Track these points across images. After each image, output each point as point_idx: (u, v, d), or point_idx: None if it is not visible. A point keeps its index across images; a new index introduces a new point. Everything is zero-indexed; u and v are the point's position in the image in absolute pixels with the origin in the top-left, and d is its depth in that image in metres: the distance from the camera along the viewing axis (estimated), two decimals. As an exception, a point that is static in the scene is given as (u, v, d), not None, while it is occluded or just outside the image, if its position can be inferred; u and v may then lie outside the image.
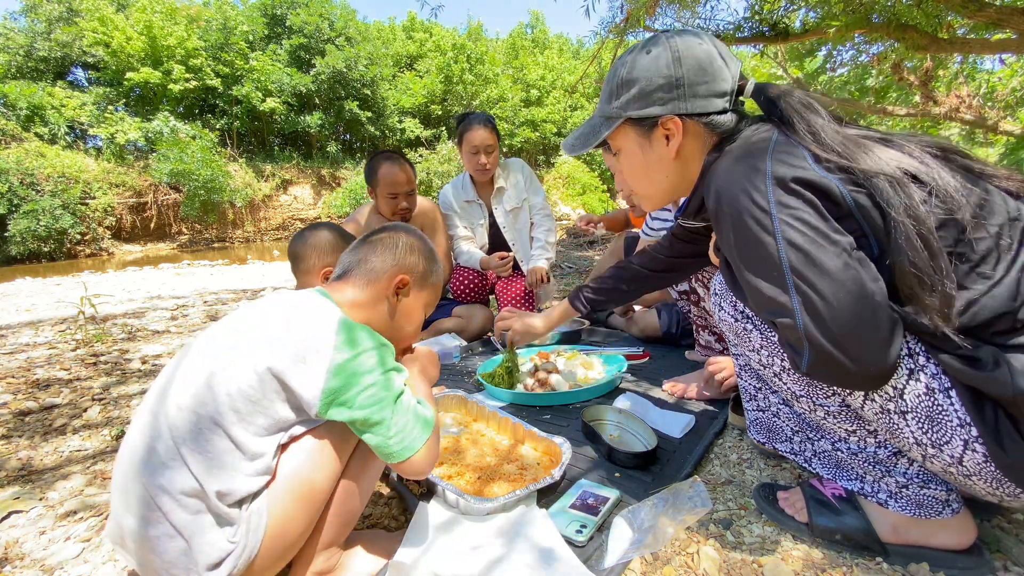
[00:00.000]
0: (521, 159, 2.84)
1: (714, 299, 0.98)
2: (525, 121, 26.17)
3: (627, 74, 0.92)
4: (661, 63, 0.88)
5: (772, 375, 0.88)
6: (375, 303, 0.93)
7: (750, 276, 0.75)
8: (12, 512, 1.15)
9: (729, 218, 0.76)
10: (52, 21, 18.27)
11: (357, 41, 22.73)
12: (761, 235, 0.72)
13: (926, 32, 3.11)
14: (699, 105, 0.88)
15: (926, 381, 0.71)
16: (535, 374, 1.68)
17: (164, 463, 0.70)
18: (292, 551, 0.79)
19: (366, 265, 0.94)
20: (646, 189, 1.02)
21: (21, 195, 13.75)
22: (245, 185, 18.76)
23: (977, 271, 0.68)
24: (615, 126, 0.96)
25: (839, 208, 0.72)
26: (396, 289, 0.94)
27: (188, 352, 0.80)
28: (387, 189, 2.19)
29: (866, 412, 0.77)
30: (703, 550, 0.90)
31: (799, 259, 0.69)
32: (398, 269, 0.95)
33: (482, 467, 1.15)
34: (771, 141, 0.78)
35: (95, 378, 2.13)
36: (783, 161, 0.74)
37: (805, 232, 0.70)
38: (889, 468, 0.82)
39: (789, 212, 0.71)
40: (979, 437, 0.68)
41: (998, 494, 0.73)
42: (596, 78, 5.50)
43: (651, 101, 0.90)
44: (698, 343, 1.86)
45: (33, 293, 6.00)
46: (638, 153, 0.97)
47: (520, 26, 34.39)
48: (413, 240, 0.99)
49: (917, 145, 0.76)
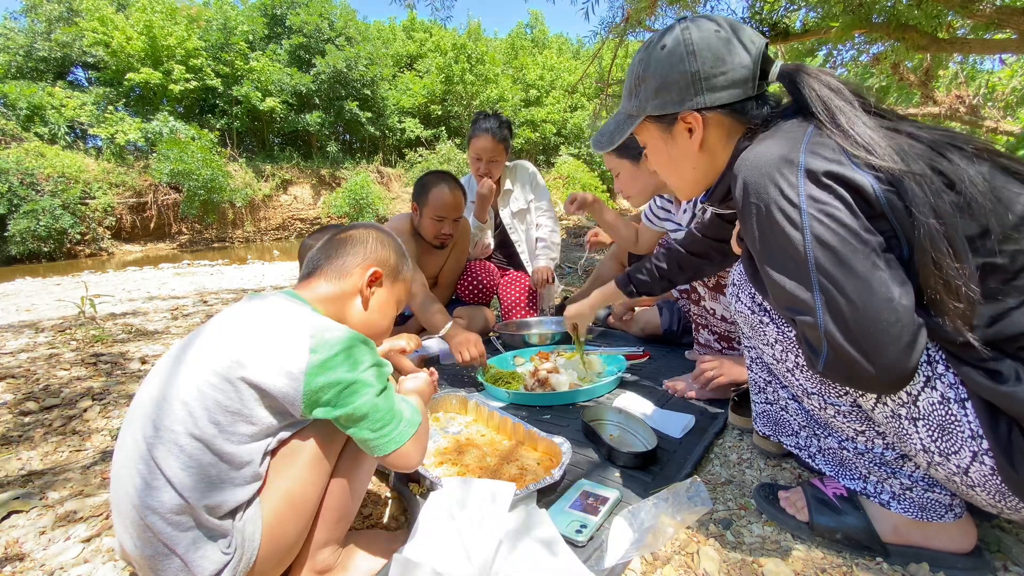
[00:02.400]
0: (527, 161, 2.87)
1: (731, 289, 0.97)
2: (525, 121, 26.16)
3: (643, 72, 0.91)
4: (675, 58, 0.86)
5: (785, 370, 0.87)
6: (348, 298, 0.94)
7: (773, 271, 0.74)
8: (12, 512, 1.15)
9: (755, 209, 0.74)
10: (52, 21, 18.27)
11: (357, 41, 22.72)
12: (788, 229, 0.70)
13: (926, 32, 3.11)
14: (718, 97, 0.85)
15: (942, 390, 0.69)
16: (535, 374, 1.68)
17: (149, 484, 0.69)
18: (290, 555, 0.79)
19: (337, 261, 0.95)
20: (675, 181, 1.01)
21: (21, 195, 13.74)
22: (245, 185, 18.75)
23: (1013, 283, 0.66)
24: (636, 123, 0.95)
25: (871, 208, 0.69)
26: (370, 282, 0.95)
27: (159, 370, 0.77)
28: (436, 211, 2.10)
29: (876, 415, 0.77)
30: (703, 550, 0.90)
31: (826, 257, 0.67)
32: (370, 262, 0.96)
33: (482, 467, 1.15)
34: (807, 132, 0.75)
35: (95, 378, 2.13)
36: (817, 153, 0.71)
37: (835, 230, 0.67)
38: (895, 470, 0.82)
39: (819, 207, 0.68)
40: (989, 451, 0.67)
41: (999, 507, 0.72)
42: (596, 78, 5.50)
43: (668, 99, 0.88)
44: (697, 342, 1.86)
45: (33, 293, 6.00)
46: (662, 148, 0.96)
47: (519, 26, 34.41)
48: (383, 236, 1.01)
49: (949, 142, 0.72)
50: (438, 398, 1.47)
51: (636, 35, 4.10)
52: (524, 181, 2.72)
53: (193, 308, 3.97)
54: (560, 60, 30.46)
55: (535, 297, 2.61)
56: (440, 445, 1.28)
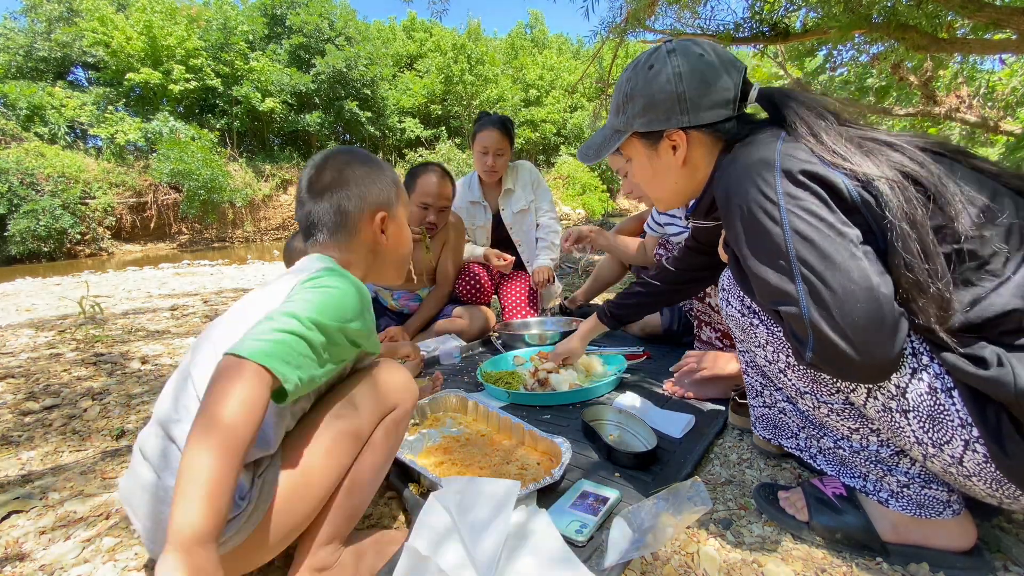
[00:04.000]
0: (529, 161, 2.88)
1: (721, 295, 0.99)
2: (525, 121, 26.16)
3: (631, 90, 0.95)
4: (662, 79, 0.91)
5: (777, 371, 0.89)
6: (367, 250, 0.94)
7: (757, 266, 0.77)
8: (12, 512, 1.15)
9: (738, 210, 0.78)
10: (52, 21, 18.25)
11: (357, 41, 22.70)
12: (769, 225, 0.74)
13: (926, 32, 3.11)
14: (702, 117, 0.91)
15: (928, 380, 0.71)
16: (535, 374, 1.69)
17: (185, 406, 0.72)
18: (292, 535, 0.79)
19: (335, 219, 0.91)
20: (657, 194, 1.07)
21: (21, 195, 13.73)
22: (245, 185, 18.73)
23: (986, 268, 0.69)
24: (623, 139, 1.00)
25: (844, 203, 0.73)
26: (380, 229, 0.94)
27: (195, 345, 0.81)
28: (421, 198, 2.17)
29: (868, 410, 0.78)
30: (703, 550, 0.90)
31: (806, 248, 0.71)
32: (370, 207, 0.93)
33: (482, 467, 1.15)
34: (779, 139, 0.81)
35: (95, 378, 2.13)
36: (791, 155, 0.76)
37: (812, 223, 0.71)
38: (891, 467, 0.82)
39: (797, 203, 0.72)
40: (980, 438, 0.68)
41: (997, 496, 0.73)
42: (596, 78, 5.50)
43: (655, 117, 0.93)
44: (699, 339, 1.86)
45: (33, 293, 6.00)
46: (647, 163, 1.01)
47: (519, 26, 34.40)
48: (364, 168, 0.94)
49: (921, 146, 0.77)
50: (438, 398, 1.48)
51: (636, 35, 4.10)
52: (525, 181, 2.73)
53: (193, 308, 3.97)
54: (560, 60, 30.44)
55: (535, 297, 2.61)
56: (440, 445, 1.28)
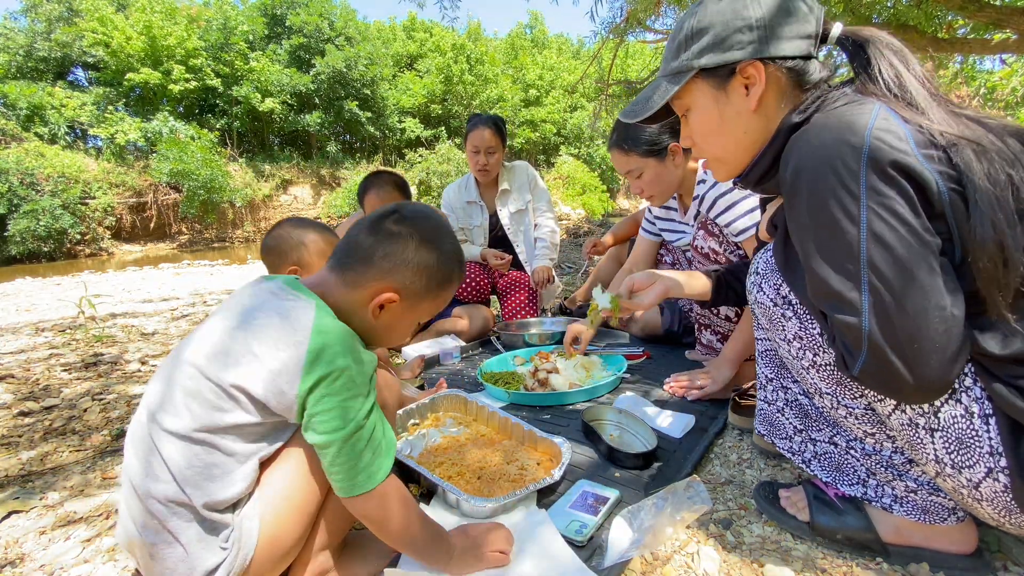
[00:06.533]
0: (526, 162, 2.88)
1: (752, 279, 0.91)
2: (525, 121, 26.14)
3: (697, 23, 0.83)
4: (737, 4, 0.79)
5: (800, 367, 0.84)
6: (356, 307, 0.81)
7: (819, 263, 0.68)
8: (12, 512, 1.15)
9: (807, 195, 0.68)
10: (52, 21, 18.24)
11: (357, 41, 22.69)
12: (844, 222, 0.65)
13: (926, 32, 3.11)
14: (782, 48, 0.78)
15: (967, 403, 0.67)
16: (535, 374, 1.68)
17: (155, 474, 0.69)
18: (288, 557, 0.78)
19: (359, 264, 0.80)
20: (721, 150, 0.89)
21: (21, 195, 13.73)
22: (245, 185, 18.74)
23: None
24: (685, 80, 0.85)
25: (932, 207, 0.64)
26: (378, 305, 0.80)
27: (166, 365, 0.76)
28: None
29: (892, 421, 0.74)
30: (703, 550, 0.89)
31: (882, 256, 0.63)
32: (388, 284, 0.80)
33: (482, 467, 1.15)
34: (872, 115, 0.67)
35: (95, 378, 2.13)
36: (884, 140, 0.64)
37: (895, 227, 0.62)
38: (901, 473, 0.81)
39: (881, 201, 0.63)
40: (1006, 468, 0.65)
41: (1002, 521, 0.72)
42: (596, 78, 5.50)
43: (728, 46, 0.80)
44: (699, 342, 1.86)
45: (33, 293, 6.00)
46: (712, 108, 0.85)
47: (519, 26, 34.38)
48: (423, 246, 0.81)
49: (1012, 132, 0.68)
50: (438, 398, 1.48)
51: (636, 35, 4.10)
52: (522, 182, 2.74)
53: (193, 308, 3.97)
54: (560, 60, 30.42)
55: (535, 297, 2.61)
56: (440, 445, 1.28)
